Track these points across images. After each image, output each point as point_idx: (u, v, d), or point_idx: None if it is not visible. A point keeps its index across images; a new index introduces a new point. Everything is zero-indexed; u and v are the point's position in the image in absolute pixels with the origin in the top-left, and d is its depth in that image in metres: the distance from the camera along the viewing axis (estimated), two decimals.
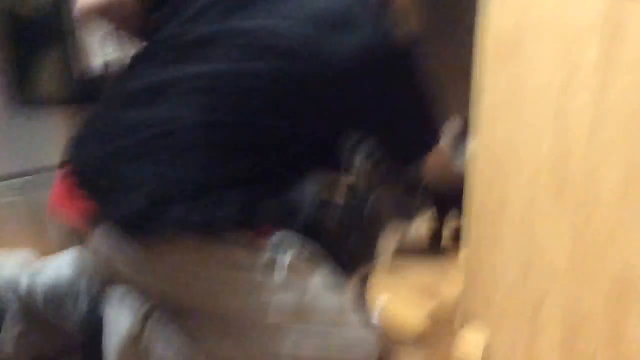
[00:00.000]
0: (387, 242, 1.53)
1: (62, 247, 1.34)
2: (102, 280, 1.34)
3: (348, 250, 1.50)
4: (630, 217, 1.12)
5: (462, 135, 1.49)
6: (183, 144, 1.16)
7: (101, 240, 1.16)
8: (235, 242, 1.19)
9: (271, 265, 1.22)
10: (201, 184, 1.15)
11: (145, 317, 1.25)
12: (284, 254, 1.24)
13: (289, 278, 1.22)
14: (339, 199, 1.53)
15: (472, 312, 1.57)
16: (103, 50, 1.91)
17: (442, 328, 1.70)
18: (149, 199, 1.12)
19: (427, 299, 1.83)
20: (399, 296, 1.85)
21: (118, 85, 1.31)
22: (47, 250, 1.43)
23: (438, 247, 2.02)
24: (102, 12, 1.31)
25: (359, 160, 1.49)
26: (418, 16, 2.35)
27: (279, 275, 1.22)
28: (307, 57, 1.16)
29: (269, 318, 1.21)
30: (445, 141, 1.44)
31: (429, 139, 1.35)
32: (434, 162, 1.41)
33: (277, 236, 1.26)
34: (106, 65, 2.02)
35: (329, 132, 1.30)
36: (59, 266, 1.39)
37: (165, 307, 1.25)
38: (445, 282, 1.90)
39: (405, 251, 1.99)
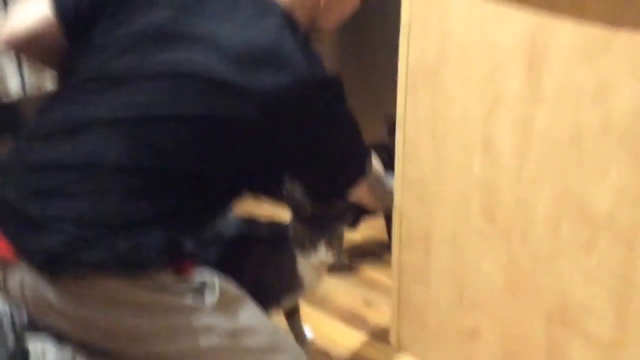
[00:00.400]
0: (311, 267, 1.49)
1: None
2: (28, 314, 1.26)
3: (271, 278, 1.46)
4: (565, 242, 1.12)
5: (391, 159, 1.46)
6: (101, 184, 1.10)
7: (19, 282, 1.10)
8: (159, 278, 1.13)
9: (201, 290, 1.16)
10: (120, 223, 1.09)
11: (74, 351, 1.18)
12: (213, 280, 1.19)
13: (220, 302, 1.18)
14: (263, 226, 1.48)
15: (405, 338, 1.55)
16: (20, 76, 1.78)
17: (375, 353, 1.67)
18: (65, 240, 1.06)
19: (357, 325, 1.80)
20: (328, 321, 1.81)
21: (35, 122, 1.24)
22: None
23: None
24: (27, 43, 1.21)
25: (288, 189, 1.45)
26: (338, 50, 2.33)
27: (210, 299, 1.17)
28: (233, 95, 1.11)
29: (202, 342, 1.16)
30: (375, 167, 1.41)
31: (357, 171, 1.31)
32: (364, 190, 1.38)
33: (201, 270, 1.21)
34: (23, 91, 1.89)
35: (254, 170, 1.25)
36: None
37: (88, 351, 1.17)
38: (376, 305, 1.87)
39: (331, 271, 1.96)
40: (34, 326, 1.22)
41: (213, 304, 1.16)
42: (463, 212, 1.27)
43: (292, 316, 1.66)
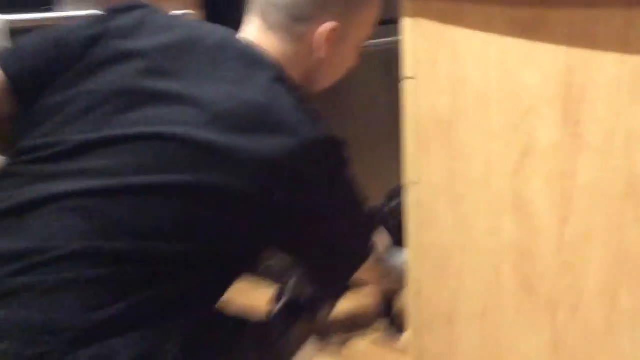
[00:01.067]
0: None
1: None
2: None
3: None
4: (624, 314, 0.94)
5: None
6: (58, 275, 0.90)
7: None
8: None
9: None
10: (81, 327, 0.89)
11: None
12: None
13: None
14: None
15: None
16: None
17: None
18: (9, 353, 0.85)
19: None
20: None
21: None
22: None
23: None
24: None
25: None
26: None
27: None
28: (222, 162, 0.94)
29: None
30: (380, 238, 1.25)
31: (364, 248, 1.14)
32: (368, 267, 1.21)
33: None
34: None
35: (246, 251, 1.07)
36: None
37: None
38: None
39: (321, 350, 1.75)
40: None
41: None
42: (494, 283, 1.09)
43: None
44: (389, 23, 1.36)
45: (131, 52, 1.03)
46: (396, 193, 1.73)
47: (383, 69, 2.39)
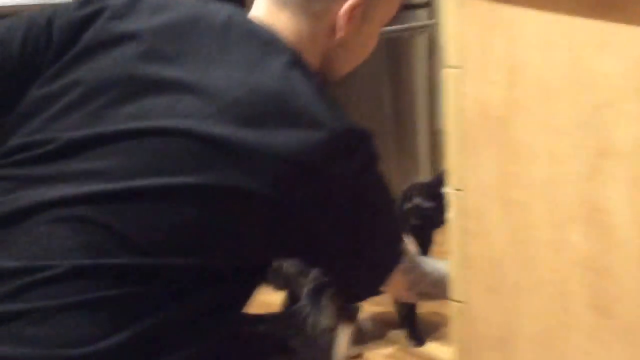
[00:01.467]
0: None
1: None
2: None
3: None
4: None
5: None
6: (50, 298, 0.80)
7: None
8: None
9: None
10: (78, 358, 0.78)
11: None
12: None
13: None
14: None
15: None
16: None
17: None
18: None
19: None
20: None
21: None
22: None
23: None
24: None
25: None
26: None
27: None
28: (236, 158, 0.82)
29: None
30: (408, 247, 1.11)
31: (394, 255, 1.01)
32: (401, 279, 1.08)
33: None
34: None
35: (264, 261, 0.97)
36: None
37: None
38: None
39: None
40: None
41: None
42: (560, 304, 0.95)
43: None
44: None
45: (126, 35, 0.92)
46: (412, 193, 1.60)
47: (387, 60, 2.26)
